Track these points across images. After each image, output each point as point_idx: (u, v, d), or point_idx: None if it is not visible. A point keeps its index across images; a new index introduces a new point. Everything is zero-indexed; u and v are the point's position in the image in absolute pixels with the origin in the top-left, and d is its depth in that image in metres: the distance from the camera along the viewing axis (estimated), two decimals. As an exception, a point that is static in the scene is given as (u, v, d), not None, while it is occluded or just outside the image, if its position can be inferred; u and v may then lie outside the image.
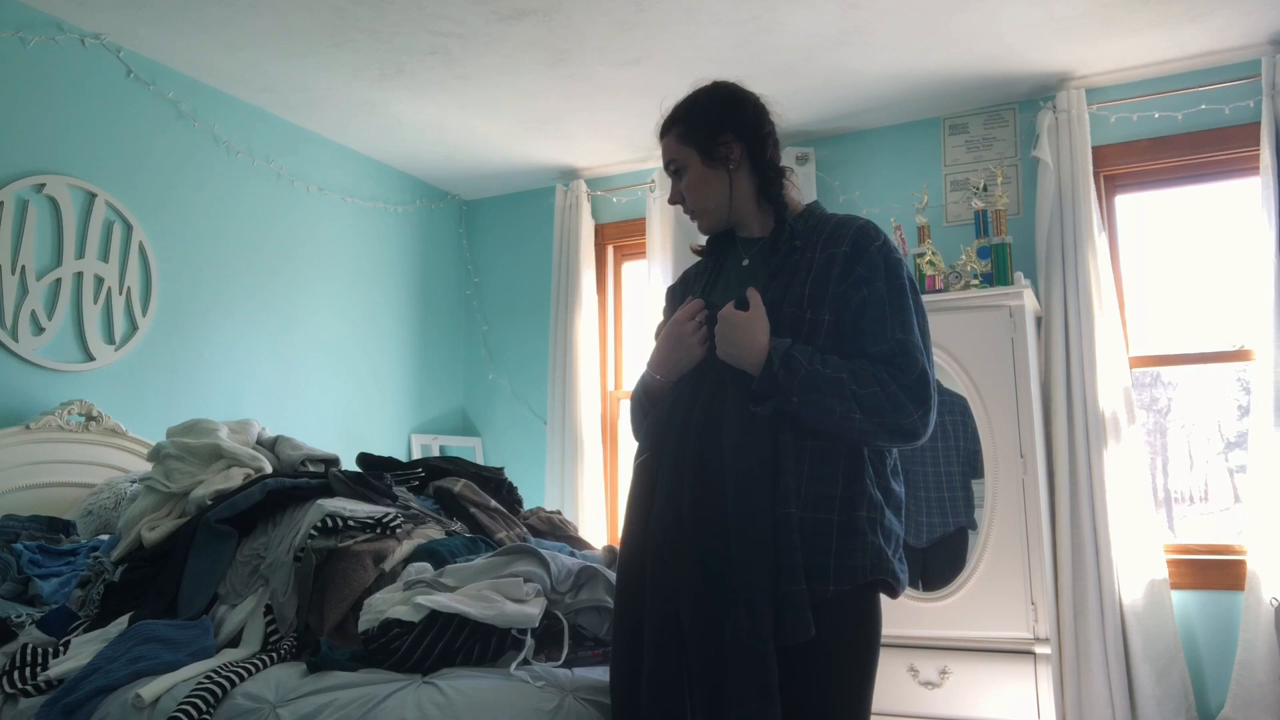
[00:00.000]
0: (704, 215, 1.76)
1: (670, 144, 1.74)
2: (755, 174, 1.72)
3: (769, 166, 1.72)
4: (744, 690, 1.43)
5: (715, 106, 1.73)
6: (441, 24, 3.29)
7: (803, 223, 1.69)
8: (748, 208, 1.74)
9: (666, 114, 1.77)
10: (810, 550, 1.53)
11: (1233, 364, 3.53)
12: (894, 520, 1.62)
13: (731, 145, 1.70)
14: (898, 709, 3.25)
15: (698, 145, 1.70)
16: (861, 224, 1.67)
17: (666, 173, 1.77)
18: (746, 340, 1.57)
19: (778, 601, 1.48)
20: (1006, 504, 3.22)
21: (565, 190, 4.68)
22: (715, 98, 1.75)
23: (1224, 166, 3.60)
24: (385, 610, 1.74)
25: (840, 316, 1.60)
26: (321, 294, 4.20)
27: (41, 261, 3.13)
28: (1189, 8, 3.21)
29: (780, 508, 1.53)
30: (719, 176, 1.71)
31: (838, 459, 1.58)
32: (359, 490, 2.22)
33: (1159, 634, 3.36)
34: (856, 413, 1.52)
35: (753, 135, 1.72)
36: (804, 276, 1.63)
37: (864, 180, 4.17)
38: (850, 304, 1.60)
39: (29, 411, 3.03)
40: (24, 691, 1.87)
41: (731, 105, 1.73)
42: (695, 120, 1.72)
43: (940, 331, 3.37)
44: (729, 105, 1.73)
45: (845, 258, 1.61)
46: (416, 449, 4.61)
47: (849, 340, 1.60)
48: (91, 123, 3.31)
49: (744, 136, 1.71)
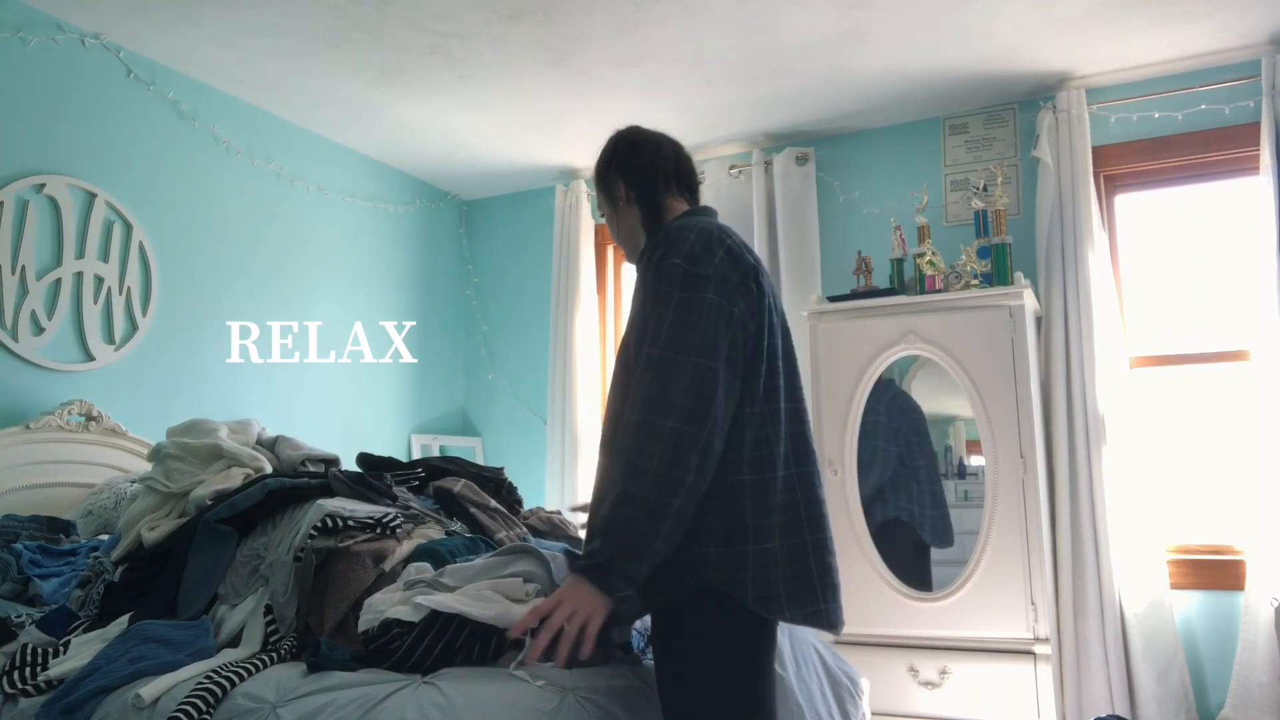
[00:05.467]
0: (622, 250, 1.91)
1: (596, 193, 1.94)
2: (641, 208, 1.84)
3: (650, 198, 1.83)
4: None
5: (604, 156, 1.90)
6: (441, 24, 3.29)
7: (648, 248, 1.73)
8: (641, 238, 1.83)
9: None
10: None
11: (1233, 364, 3.53)
12: (735, 515, 1.57)
13: (618, 186, 1.85)
14: (897, 709, 3.25)
15: (604, 193, 1.89)
16: (657, 238, 1.70)
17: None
18: (578, 606, 1.51)
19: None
20: (1006, 504, 3.22)
21: (565, 190, 4.68)
22: (609, 146, 1.90)
23: (1224, 166, 3.60)
24: (385, 610, 1.74)
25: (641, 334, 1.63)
26: (322, 294, 4.20)
27: (41, 261, 3.13)
28: (1189, 8, 3.21)
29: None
30: (622, 213, 1.86)
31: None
32: (359, 490, 2.22)
33: (1159, 634, 3.36)
34: (654, 467, 1.48)
35: (633, 172, 1.84)
36: (634, 304, 1.72)
37: (864, 180, 4.17)
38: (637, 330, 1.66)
39: (29, 411, 3.03)
40: (24, 691, 1.87)
41: (617, 149, 1.88)
42: (598, 171, 1.90)
43: (940, 331, 3.39)
44: (615, 149, 1.88)
45: (639, 280, 1.72)
46: (416, 449, 4.61)
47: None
48: (91, 123, 3.31)
49: (625, 175, 1.84)
